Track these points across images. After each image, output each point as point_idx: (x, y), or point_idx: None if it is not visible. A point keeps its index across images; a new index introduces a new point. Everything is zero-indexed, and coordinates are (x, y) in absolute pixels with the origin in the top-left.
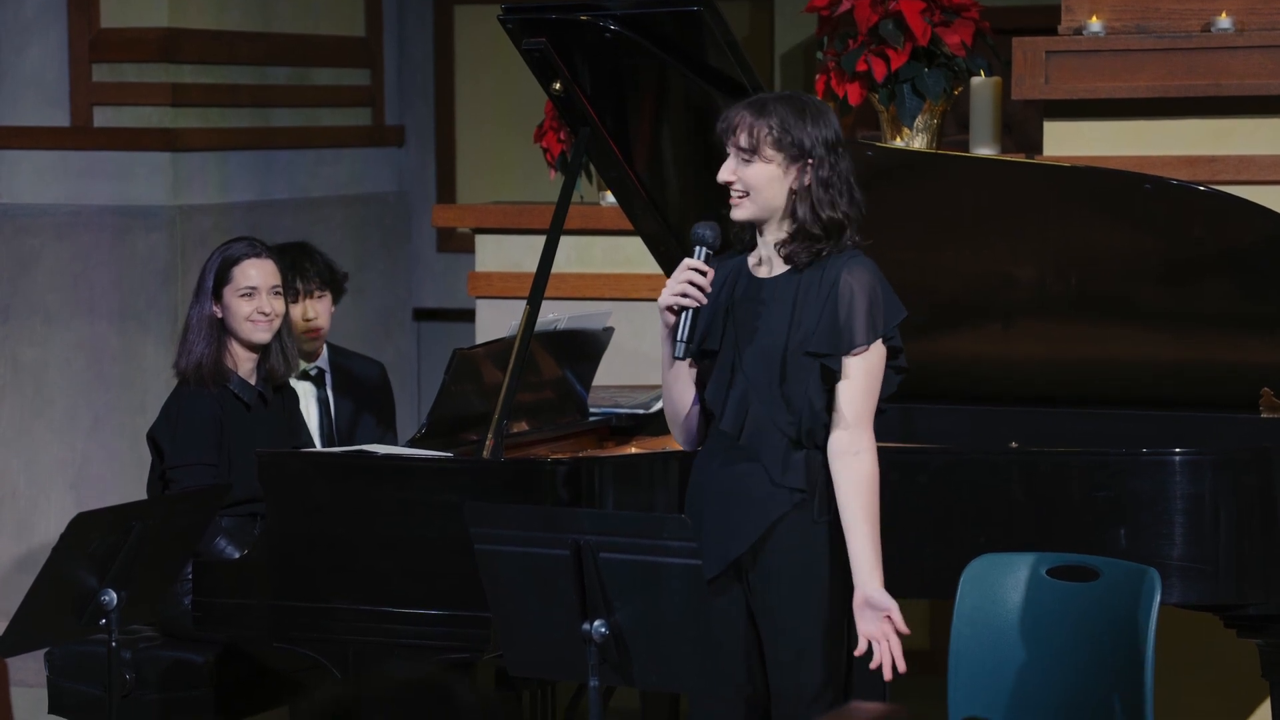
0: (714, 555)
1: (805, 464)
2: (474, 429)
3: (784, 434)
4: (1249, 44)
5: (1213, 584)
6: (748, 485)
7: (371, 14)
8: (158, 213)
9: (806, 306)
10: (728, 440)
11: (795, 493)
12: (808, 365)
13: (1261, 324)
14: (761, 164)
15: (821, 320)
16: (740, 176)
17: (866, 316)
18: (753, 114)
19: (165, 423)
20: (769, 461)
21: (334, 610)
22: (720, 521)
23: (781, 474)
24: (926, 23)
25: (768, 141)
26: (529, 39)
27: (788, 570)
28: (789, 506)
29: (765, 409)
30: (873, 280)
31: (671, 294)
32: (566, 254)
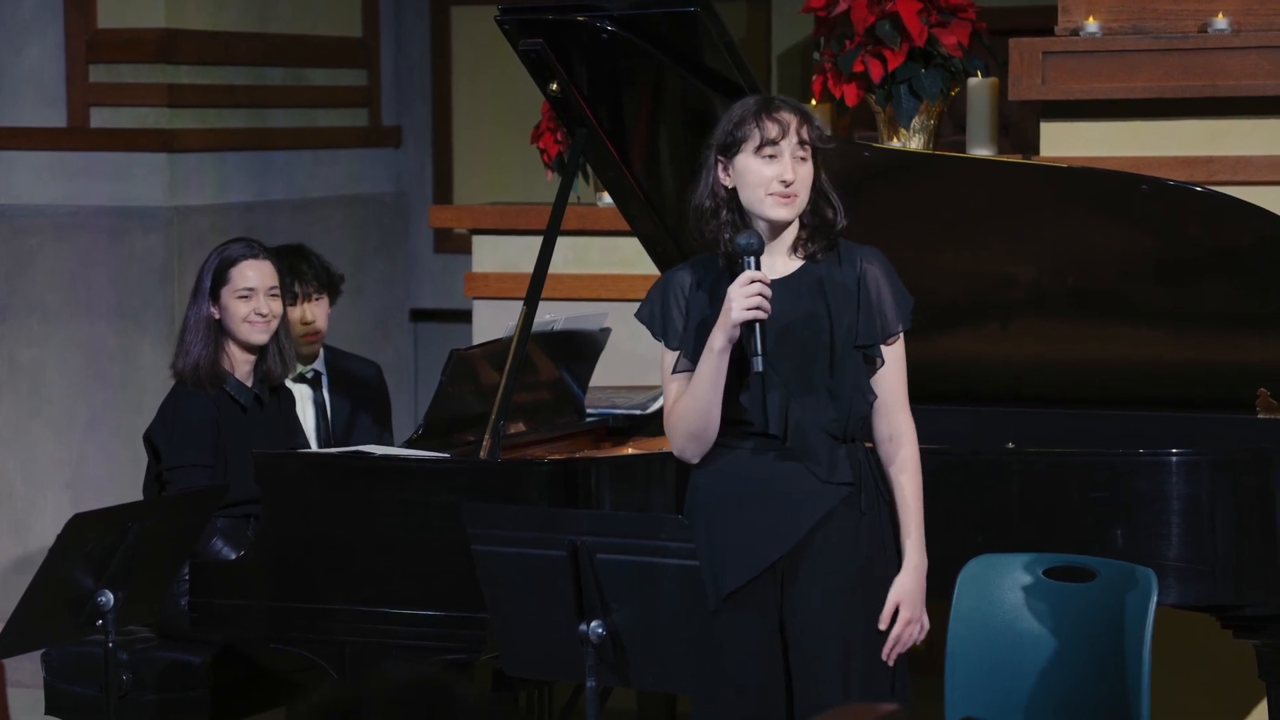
0: (745, 562)
1: (849, 458)
2: (471, 430)
3: (827, 432)
4: (1245, 45)
5: (1210, 584)
6: (788, 487)
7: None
8: (155, 213)
9: (842, 300)
10: (764, 445)
11: (843, 487)
12: (855, 358)
13: (1258, 324)
14: (810, 162)
15: (861, 312)
16: (797, 175)
17: (895, 304)
18: (801, 115)
19: (162, 424)
20: (814, 461)
21: (331, 611)
22: (753, 527)
23: (830, 472)
24: (923, 23)
25: (815, 137)
26: (526, 40)
27: (832, 565)
28: (836, 501)
29: (808, 409)
30: (889, 267)
31: (745, 309)
32: (563, 255)
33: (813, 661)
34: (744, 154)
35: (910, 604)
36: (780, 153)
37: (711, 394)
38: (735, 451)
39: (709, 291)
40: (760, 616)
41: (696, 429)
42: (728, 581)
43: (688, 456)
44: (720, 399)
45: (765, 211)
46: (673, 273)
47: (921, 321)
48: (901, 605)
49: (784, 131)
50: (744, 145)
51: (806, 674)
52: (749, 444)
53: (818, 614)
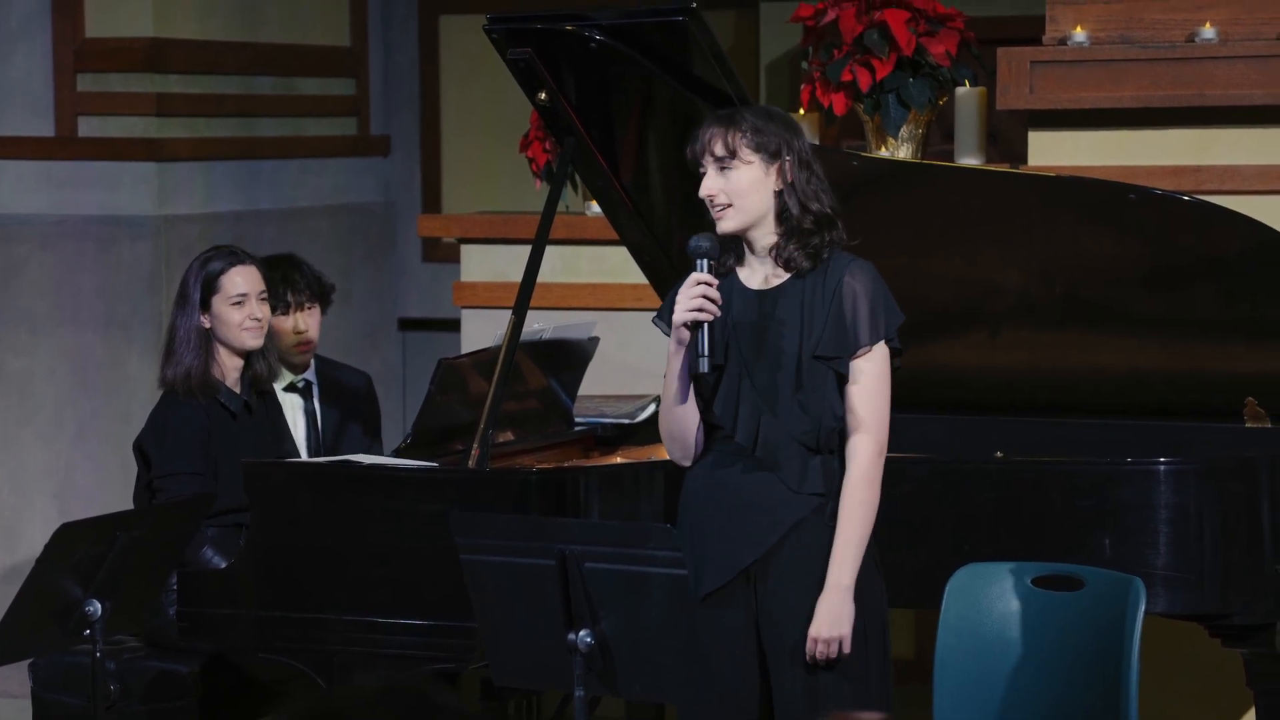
0: (721, 565)
1: (822, 469)
2: (459, 439)
3: (800, 442)
4: (1233, 54)
5: (1197, 593)
6: (761, 495)
7: (357, 24)
8: (143, 222)
9: (814, 312)
10: (737, 452)
11: (814, 497)
12: (822, 371)
13: (1245, 333)
14: (743, 167)
15: (828, 324)
16: (721, 188)
17: (870, 318)
18: (722, 124)
19: (152, 432)
20: (786, 471)
21: (319, 620)
22: (730, 531)
23: (800, 482)
24: (911, 33)
25: (744, 144)
26: (514, 49)
27: (801, 574)
28: (807, 511)
29: (780, 419)
30: (874, 282)
31: (687, 310)
32: (552, 264)
33: (785, 667)
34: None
35: (819, 624)
36: (706, 170)
37: (673, 395)
38: (715, 456)
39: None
40: (736, 619)
41: (672, 430)
42: (705, 583)
43: (674, 458)
44: (682, 402)
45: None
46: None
47: (911, 330)
48: (812, 625)
49: (703, 148)
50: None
51: (780, 679)
52: (728, 448)
53: (788, 620)
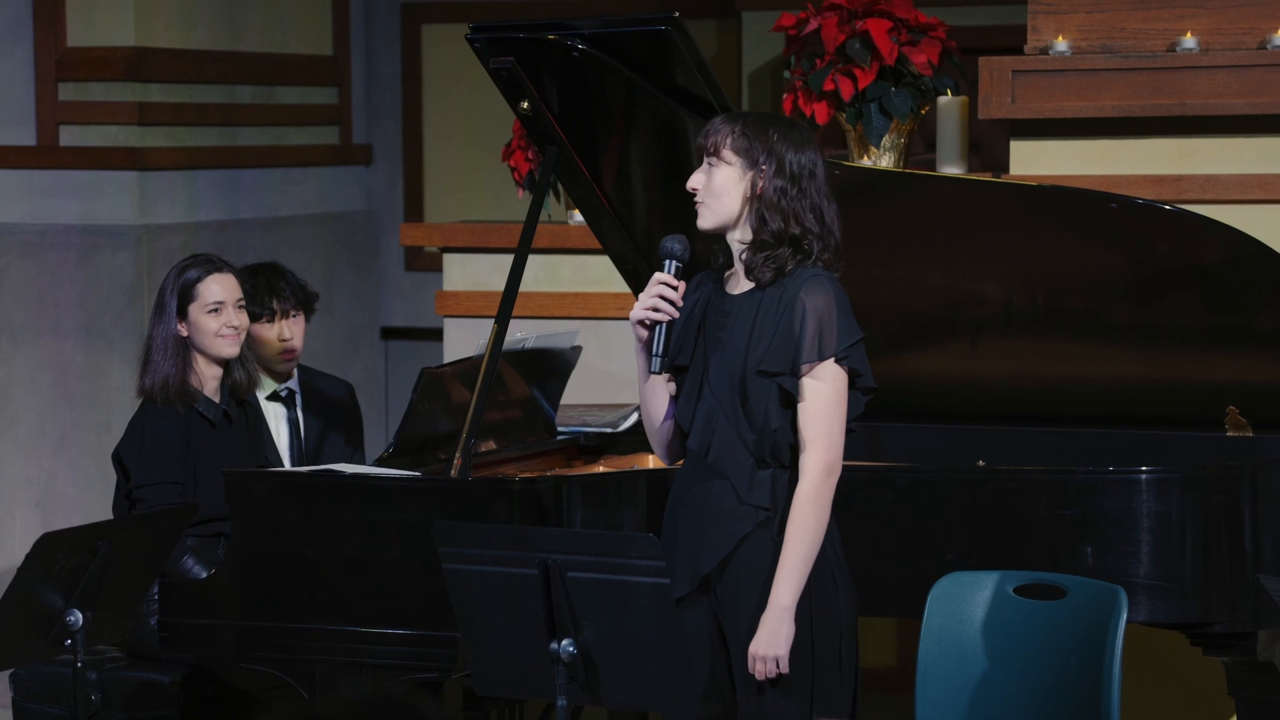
0: (685, 572)
1: (770, 483)
2: (442, 448)
3: (749, 452)
4: (1214, 64)
5: (1179, 602)
6: (718, 502)
7: (339, 33)
8: (124, 232)
9: (764, 325)
10: (694, 458)
11: (760, 510)
12: (766, 385)
13: (1226, 342)
14: (723, 166)
15: (775, 339)
16: (702, 183)
17: (815, 336)
18: (724, 120)
19: (131, 442)
20: (736, 479)
21: (301, 630)
22: (692, 538)
23: (747, 491)
24: (893, 42)
25: (727, 144)
26: (496, 58)
27: (752, 588)
28: (753, 525)
29: (731, 426)
30: (828, 300)
31: (642, 308)
32: (534, 273)
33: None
34: None
35: (757, 641)
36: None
37: (645, 393)
38: (685, 461)
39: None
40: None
41: (648, 429)
42: (675, 588)
43: (661, 459)
44: (654, 401)
45: None
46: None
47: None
48: (753, 640)
49: (700, 141)
50: None
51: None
52: (689, 455)
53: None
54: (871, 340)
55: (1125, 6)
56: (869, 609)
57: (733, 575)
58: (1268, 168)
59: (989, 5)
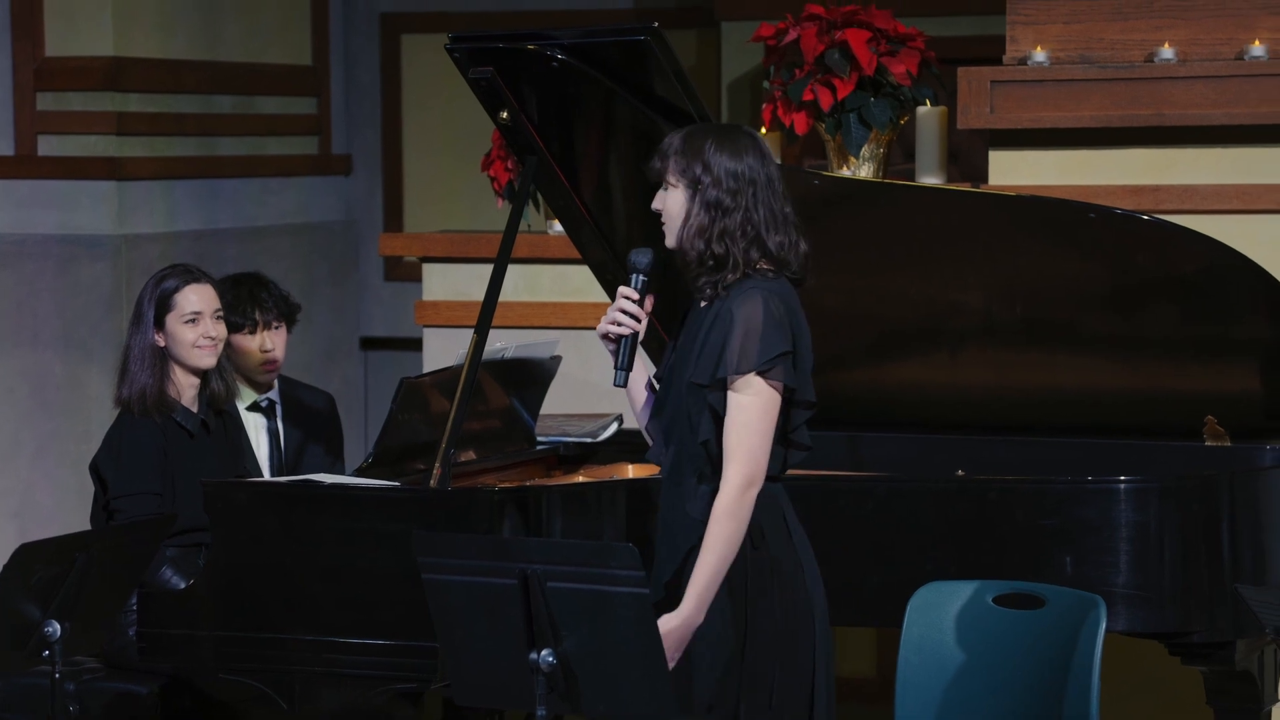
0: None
1: (710, 498)
2: (421, 458)
3: (694, 467)
4: (1191, 74)
5: (1158, 611)
6: (671, 517)
7: (318, 42)
8: (103, 242)
9: (705, 339)
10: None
11: (701, 524)
12: (695, 396)
13: (1204, 352)
14: (672, 189)
15: (704, 352)
16: (660, 205)
17: (740, 348)
18: (667, 142)
19: (108, 453)
20: (686, 494)
21: (280, 640)
22: (661, 547)
23: (692, 505)
24: (872, 52)
25: (670, 167)
26: (476, 68)
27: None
28: (695, 539)
29: (680, 442)
30: (756, 312)
31: (606, 322)
32: (514, 283)
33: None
34: None
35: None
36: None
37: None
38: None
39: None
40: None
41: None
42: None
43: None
44: (638, 409)
45: None
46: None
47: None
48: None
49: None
50: None
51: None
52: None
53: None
54: (852, 350)
55: (1103, 17)
56: (848, 619)
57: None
58: (1245, 178)
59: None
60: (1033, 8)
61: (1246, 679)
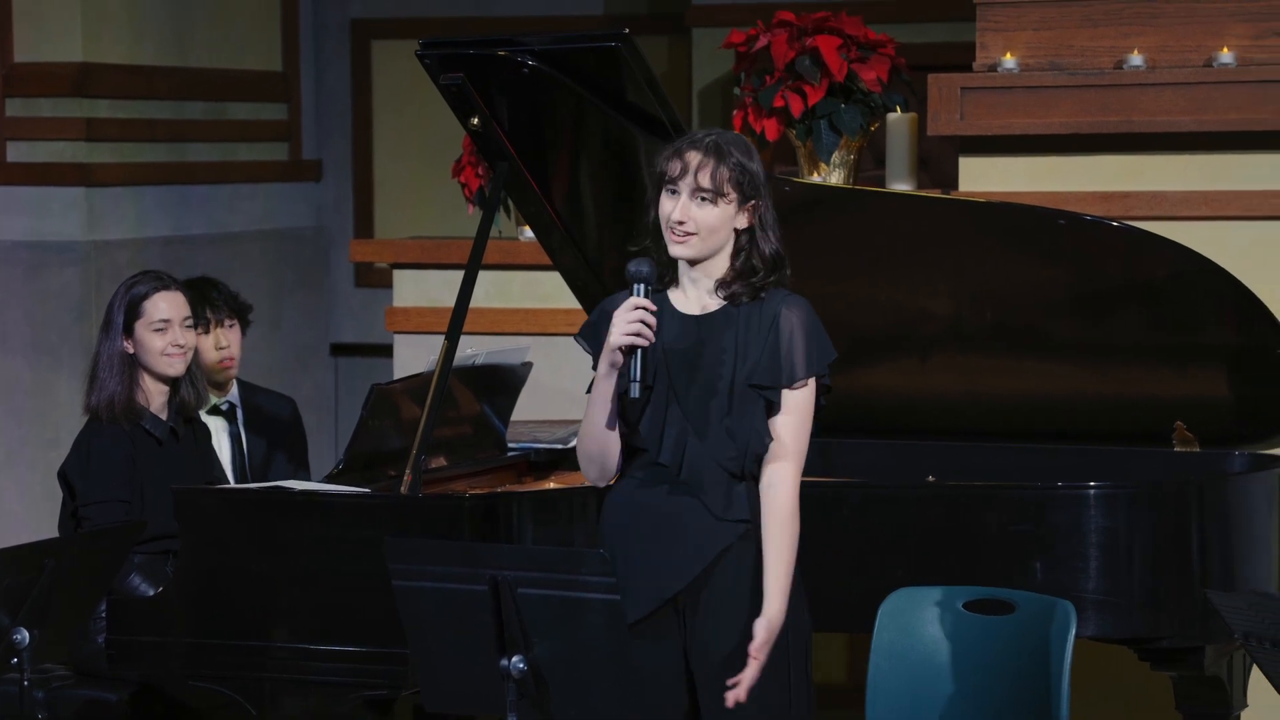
0: (646, 594)
1: (747, 495)
2: (392, 464)
3: (724, 468)
4: (1160, 81)
5: (1127, 617)
6: (685, 521)
7: (288, 48)
8: (72, 248)
9: (750, 341)
10: (660, 476)
11: (739, 524)
12: (753, 399)
13: (1174, 357)
14: (721, 204)
15: (765, 355)
16: (692, 216)
17: (806, 352)
18: (713, 156)
19: (76, 460)
20: (710, 497)
21: (250, 647)
22: (654, 560)
23: (725, 508)
24: (843, 59)
25: (730, 183)
26: (447, 74)
27: (732, 601)
28: (733, 538)
29: (706, 444)
30: (811, 317)
31: (624, 334)
32: (485, 289)
33: (717, 696)
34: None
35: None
36: (679, 190)
37: (597, 417)
38: (634, 480)
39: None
40: (665, 647)
41: (593, 453)
42: (630, 612)
43: (591, 479)
44: (608, 421)
45: (668, 247)
46: (612, 298)
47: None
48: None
49: (684, 171)
50: (662, 178)
51: (711, 708)
52: (652, 474)
53: (720, 648)
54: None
55: (1073, 24)
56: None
57: (710, 592)
58: (1214, 184)
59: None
60: (1003, 15)
61: (1215, 684)
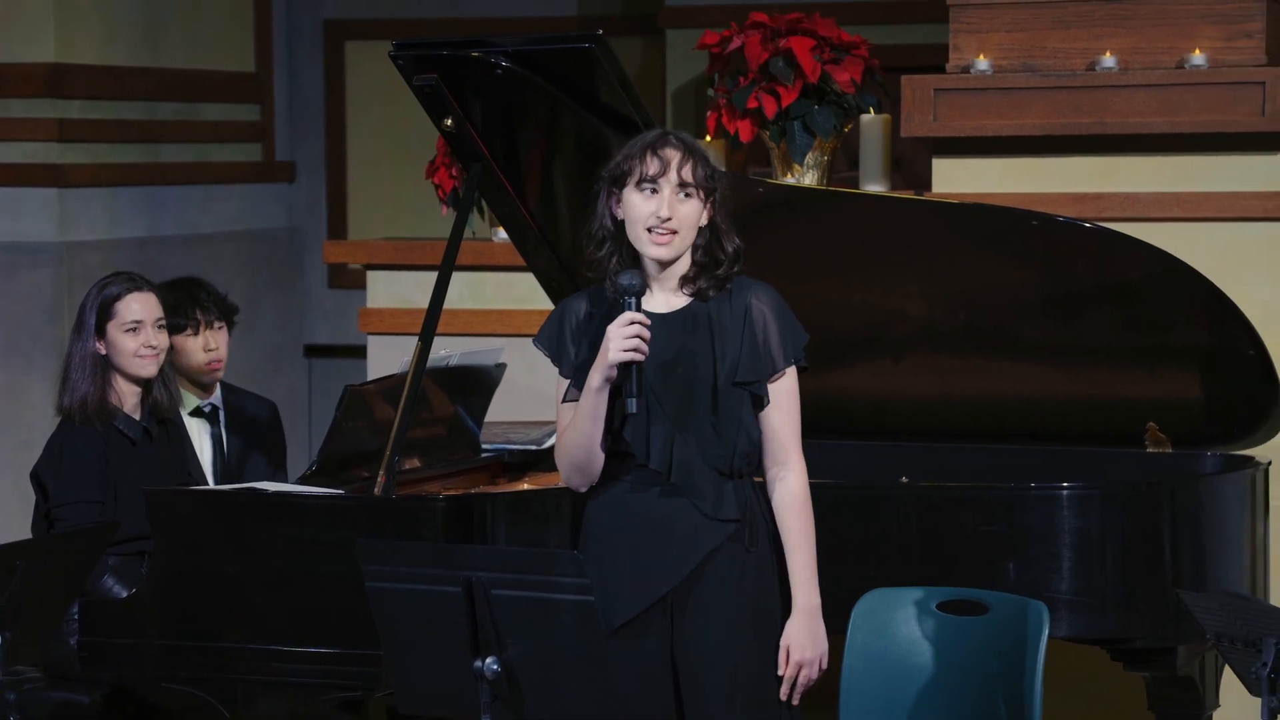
0: (635, 595)
1: (735, 494)
2: (366, 466)
3: (713, 467)
4: (1133, 83)
5: (1100, 618)
6: (674, 522)
7: (261, 49)
8: (45, 249)
9: (726, 339)
10: (647, 480)
11: (729, 524)
12: (739, 395)
13: (1146, 358)
14: (695, 196)
15: (743, 349)
16: (676, 213)
17: (781, 340)
18: (691, 152)
19: (49, 461)
20: (700, 496)
21: (223, 649)
22: (643, 561)
23: (715, 508)
24: (817, 60)
25: (701, 178)
26: (420, 75)
27: (722, 601)
28: (723, 538)
29: (693, 444)
30: (779, 303)
31: (624, 350)
32: (458, 290)
33: (703, 696)
34: (629, 187)
35: (801, 647)
36: (660, 189)
37: (591, 429)
38: (622, 484)
39: (602, 322)
40: (651, 650)
41: (579, 461)
42: (617, 615)
43: (574, 486)
44: (600, 433)
45: (643, 249)
46: (568, 301)
47: (815, 356)
48: (792, 649)
49: (664, 168)
50: (629, 178)
51: (698, 708)
52: (634, 478)
53: (708, 648)
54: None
55: (1045, 26)
56: None
57: (700, 592)
58: (1186, 186)
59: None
60: (975, 16)
61: (1188, 685)
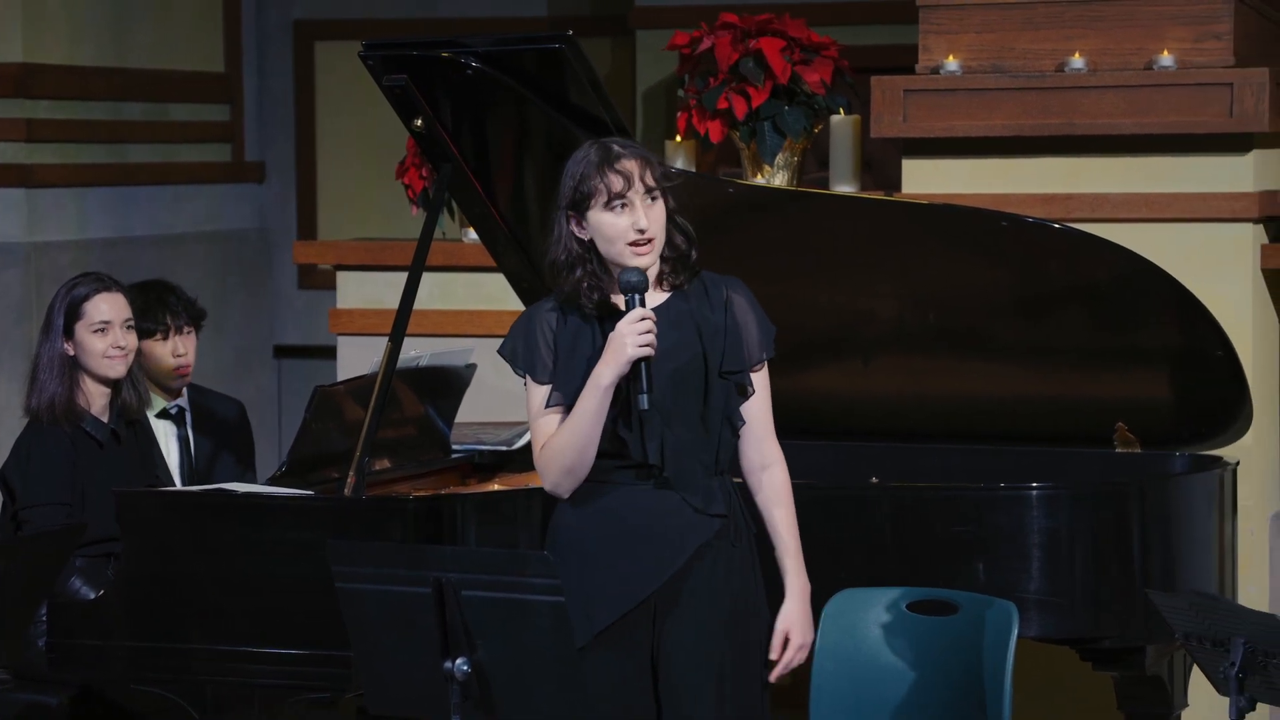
0: (618, 597)
1: (721, 490)
2: (335, 466)
3: (701, 461)
4: (1101, 84)
5: (1069, 617)
6: (666, 520)
7: (230, 49)
8: (13, 250)
9: (709, 332)
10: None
11: (717, 519)
12: (725, 388)
13: (1115, 359)
14: (660, 202)
15: (727, 340)
16: (651, 221)
17: (760, 331)
18: (643, 157)
19: (17, 462)
20: (690, 491)
21: (192, 650)
22: (627, 562)
23: (705, 503)
24: (786, 61)
25: (660, 178)
26: (390, 75)
27: (707, 598)
28: (710, 534)
29: (682, 439)
30: (752, 296)
31: (640, 346)
32: (429, 290)
33: (685, 695)
34: (594, 209)
35: (800, 630)
36: (630, 201)
37: (592, 429)
38: (608, 486)
39: (575, 328)
40: (631, 652)
41: (572, 464)
42: (600, 619)
43: (561, 492)
44: (599, 433)
45: (626, 262)
46: (537, 308)
47: (785, 356)
48: (791, 633)
49: (629, 182)
50: (593, 200)
51: (677, 709)
52: (624, 477)
53: (692, 647)
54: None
55: (1015, 27)
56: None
57: (687, 589)
58: (1154, 187)
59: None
60: (945, 17)
61: (1157, 684)
